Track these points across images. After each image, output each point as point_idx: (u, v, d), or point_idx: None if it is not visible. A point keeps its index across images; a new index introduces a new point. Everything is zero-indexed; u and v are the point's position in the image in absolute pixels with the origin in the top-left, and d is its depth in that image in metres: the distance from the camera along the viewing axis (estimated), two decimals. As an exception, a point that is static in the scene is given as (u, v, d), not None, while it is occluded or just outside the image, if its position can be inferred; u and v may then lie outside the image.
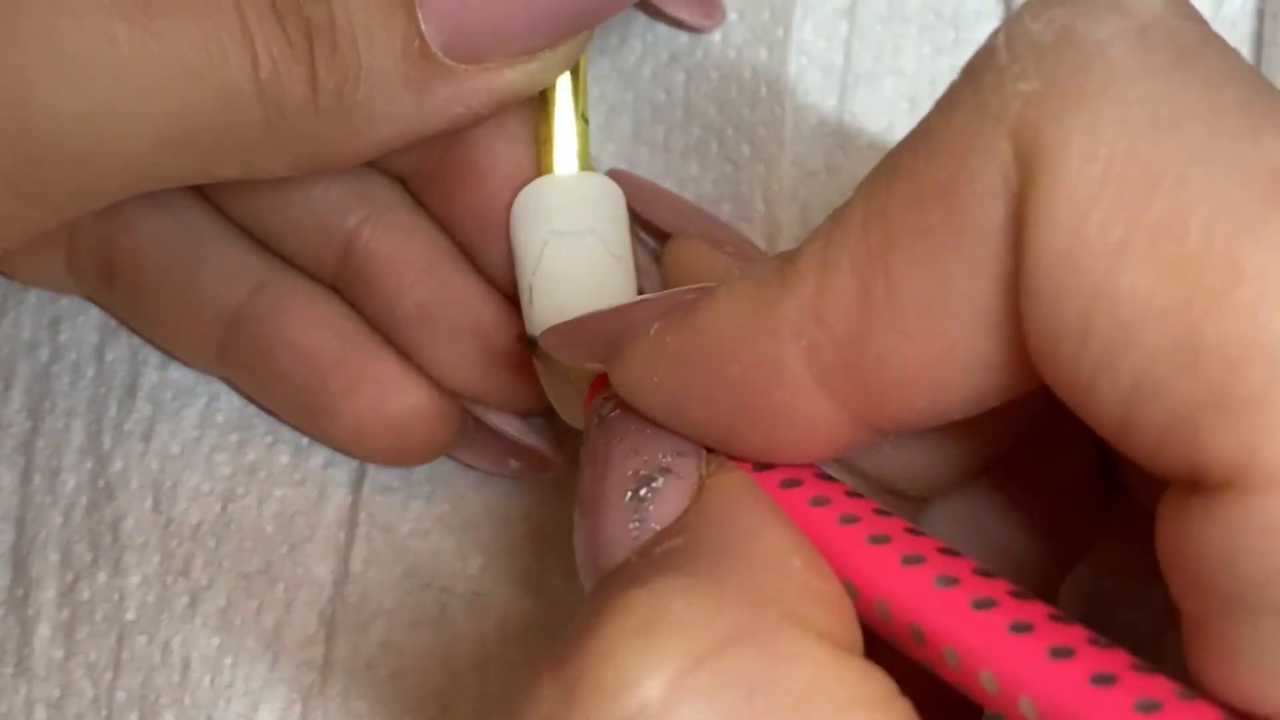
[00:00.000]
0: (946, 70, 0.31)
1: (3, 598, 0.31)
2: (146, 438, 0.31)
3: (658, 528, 0.20)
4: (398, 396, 0.29)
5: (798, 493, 0.20)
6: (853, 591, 0.19)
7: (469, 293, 0.28)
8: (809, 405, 0.19)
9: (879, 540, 0.19)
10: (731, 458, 0.21)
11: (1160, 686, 0.16)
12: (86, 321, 0.32)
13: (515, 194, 0.27)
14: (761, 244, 0.31)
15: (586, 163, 0.28)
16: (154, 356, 0.32)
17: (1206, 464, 0.16)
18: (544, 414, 0.29)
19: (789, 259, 0.19)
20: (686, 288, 0.21)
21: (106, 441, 0.31)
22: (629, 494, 0.21)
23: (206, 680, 0.30)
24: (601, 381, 0.23)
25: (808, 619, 0.18)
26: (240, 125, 0.23)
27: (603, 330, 0.22)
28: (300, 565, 0.30)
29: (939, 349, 0.18)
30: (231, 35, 0.22)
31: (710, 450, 0.21)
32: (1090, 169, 0.16)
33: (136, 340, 0.32)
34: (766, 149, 0.31)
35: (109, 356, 0.32)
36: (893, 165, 0.19)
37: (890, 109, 0.31)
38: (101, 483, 0.31)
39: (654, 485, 0.21)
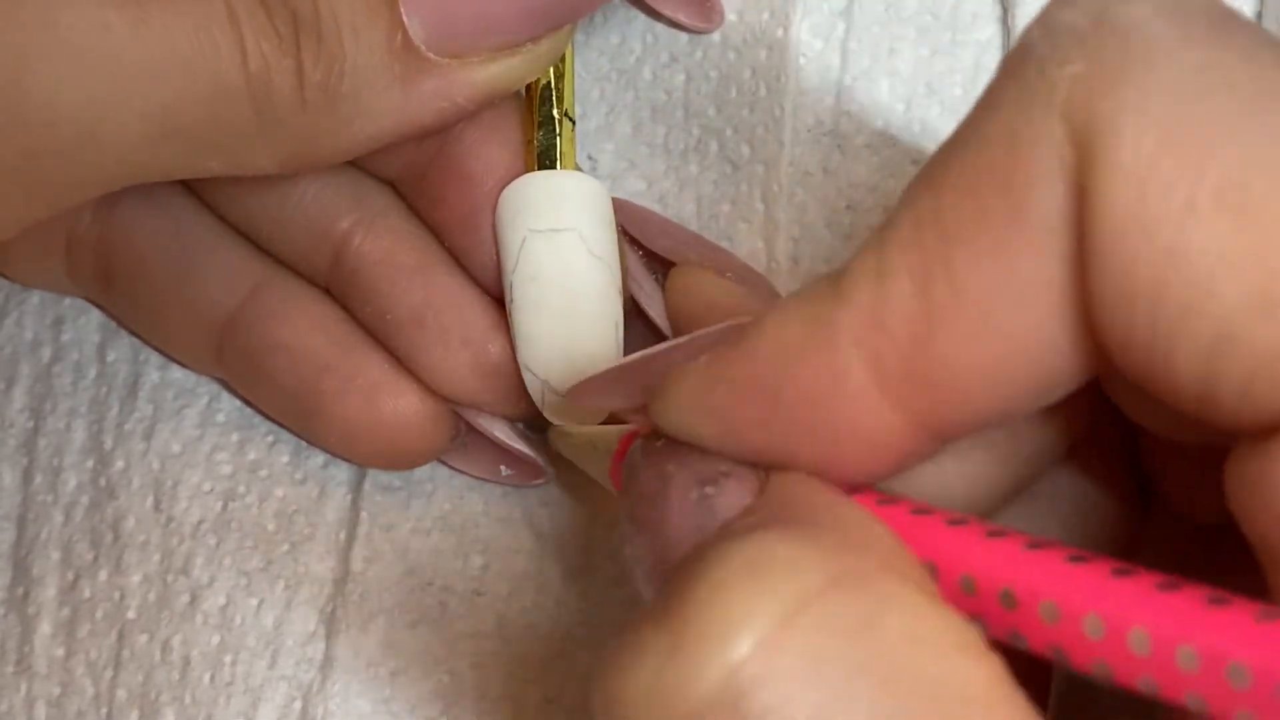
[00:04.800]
0: (943, 71, 0.31)
1: (3, 596, 0.31)
2: (148, 437, 0.31)
3: (726, 517, 0.20)
4: (389, 400, 0.29)
5: (864, 498, 0.20)
6: (932, 573, 0.19)
7: (460, 298, 0.28)
8: (872, 416, 0.19)
9: (957, 523, 0.19)
10: None
11: (1270, 607, 0.17)
12: (88, 322, 0.33)
13: None
14: (760, 244, 0.31)
15: (570, 162, 0.28)
16: (155, 356, 0.32)
17: None
18: (536, 421, 0.29)
19: (839, 274, 0.19)
20: (720, 325, 0.21)
21: (108, 441, 0.31)
22: (692, 493, 0.21)
23: (207, 678, 0.30)
24: (630, 439, 0.23)
25: (904, 571, 0.18)
26: (230, 117, 0.23)
27: (639, 375, 0.22)
28: (301, 564, 0.30)
29: (1006, 341, 0.18)
30: (221, 27, 0.23)
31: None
32: (1147, 137, 0.17)
33: (138, 340, 0.32)
34: (766, 150, 0.31)
35: (111, 356, 0.32)
36: (938, 168, 0.19)
37: (886, 110, 0.31)
38: (103, 482, 0.31)
39: (716, 484, 0.20)
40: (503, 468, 0.30)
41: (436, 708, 0.29)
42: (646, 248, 0.30)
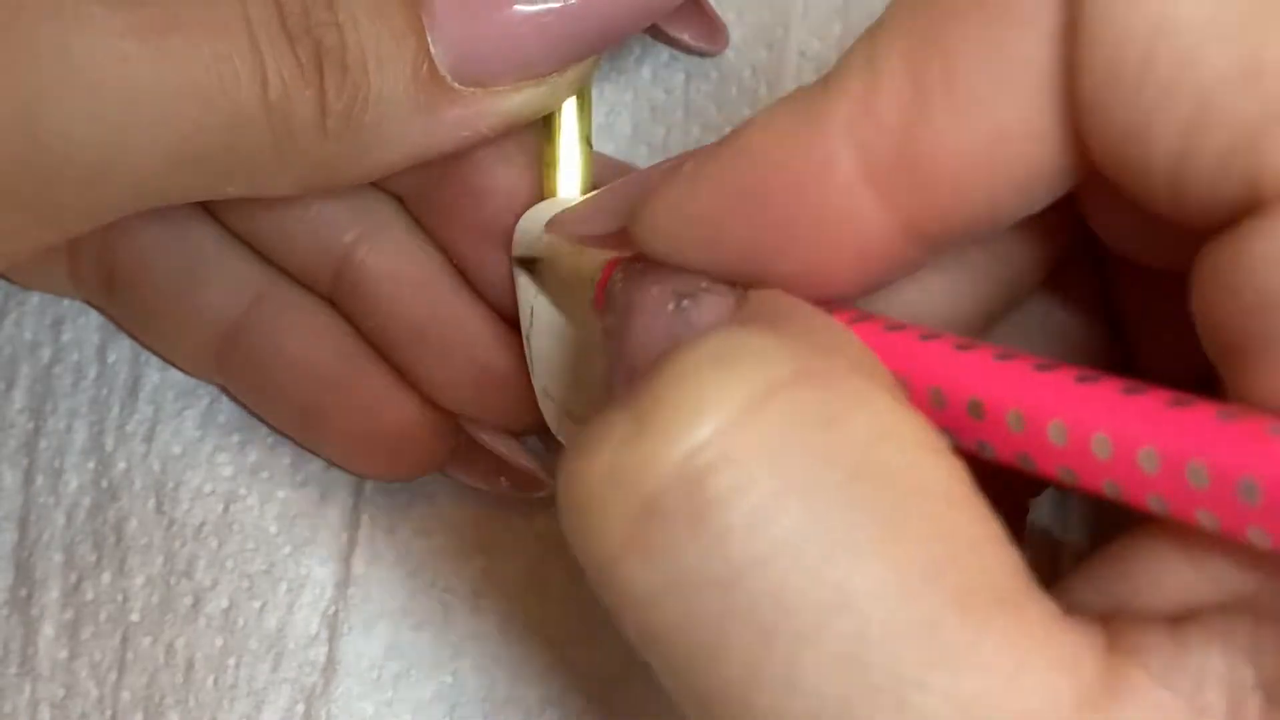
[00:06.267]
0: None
1: (6, 598, 0.31)
2: (149, 438, 0.31)
3: (701, 329, 0.20)
4: (391, 412, 0.29)
5: (841, 315, 0.20)
6: (904, 386, 0.19)
7: (464, 312, 0.28)
8: (860, 211, 0.19)
9: (930, 337, 0.19)
10: None
11: (1229, 406, 0.17)
12: (88, 322, 0.32)
13: (512, 215, 0.27)
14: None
15: (589, 187, 0.28)
16: (156, 358, 0.32)
17: (1266, 180, 0.16)
18: (536, 434, 0.29)
19: (830, 72, 0.19)
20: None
21: (109, 442, 0.31)
22: (669, 305, 0.20)
23: (210, 681, 0.30)
24: (614, 265, 0.23)
25: (874, 375, 0.18)
26: (249, 146, 0.23)
27: (621, 195, 0.22)
28: (303, 566, 0.30)
29: (995, 125, 0.18)
30: (242, 56, 0.22)
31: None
32: None
33: (138, 343, 0.32)
34: (766, 149, 0.31)
35: (111, 357, 0.32)
36: None
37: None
38: (104, 483, 0.31)
39: (694, 297, 0.20)
40: (502, 479, 0.30)
41: (439, 710, 0.30)
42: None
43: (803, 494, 0.16)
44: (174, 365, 0.32)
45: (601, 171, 0.29)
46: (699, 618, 0.16)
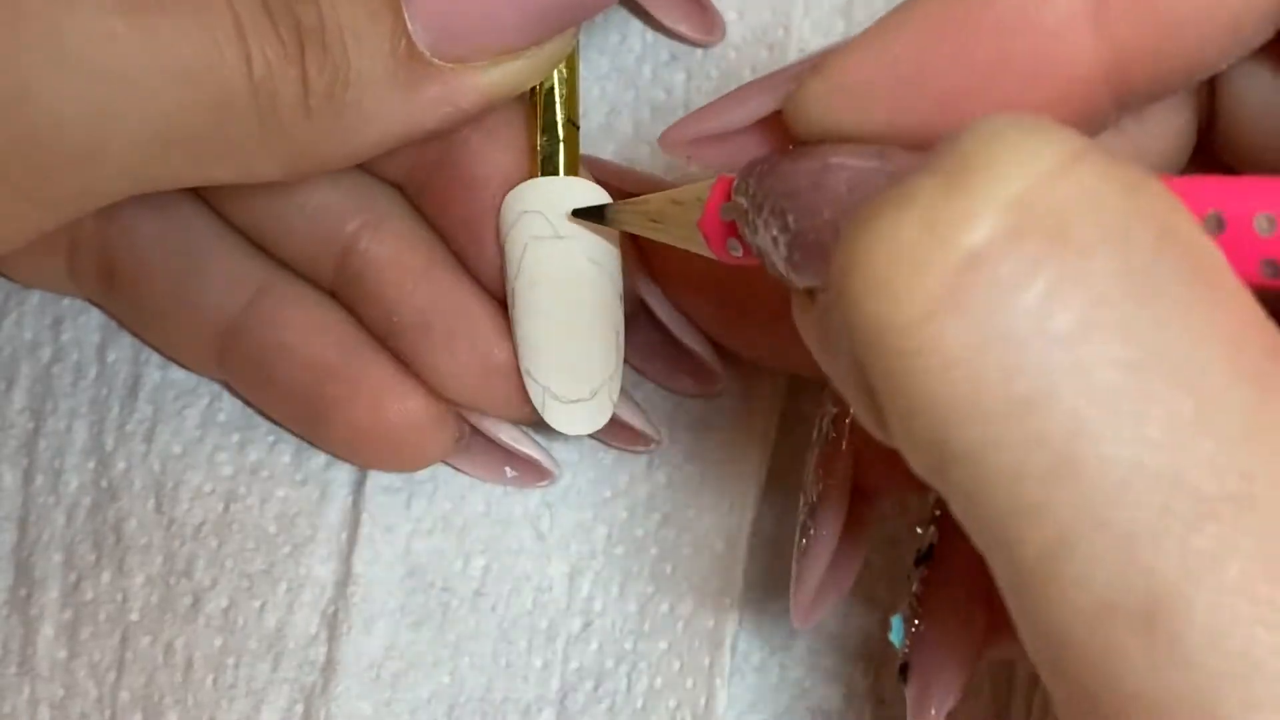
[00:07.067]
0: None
1: (6, 598, 0.31)
2: (149, 438, 0.31)
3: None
4: (395, 403, 0.29)
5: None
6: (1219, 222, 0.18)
7: (466, 300, 0.28)
8: (1075, 46, 0.19)
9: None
10: None
11: None
12: (88, 321, 0.32)
13: None
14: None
15: (574, 168, 0.28)
16: (156, 356, 0.32)
17: None
18: (539, 423, 0.29)
19: None
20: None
21: (109, 442, 0.31)
22: (870, 160, 0.19)
23: (209, 681, 0.30)
24: (726, 182, 0.22)
25: None
26: (234, 126, 0.23)
27: (769, 81, 0.22)
28: (303, 565, 0.30)
29: None
30: (226, 35, 0.22)
31: None
32: None
33: (138, 340, 0.32)
34: (766, 148, 0.31)
35: (111, 356, 0.32)
36: None
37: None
38: (104, 483, 0.31)
39: (886, 153, 0.19)
40: (508, 469, 0.30)
41: (438, 709, 0.30)
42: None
43: (1121, 247, 0.16)
44: (175, 362, 0.32)
45: (599, 175, 0.29)
46: (1020, 370, 0.16)
